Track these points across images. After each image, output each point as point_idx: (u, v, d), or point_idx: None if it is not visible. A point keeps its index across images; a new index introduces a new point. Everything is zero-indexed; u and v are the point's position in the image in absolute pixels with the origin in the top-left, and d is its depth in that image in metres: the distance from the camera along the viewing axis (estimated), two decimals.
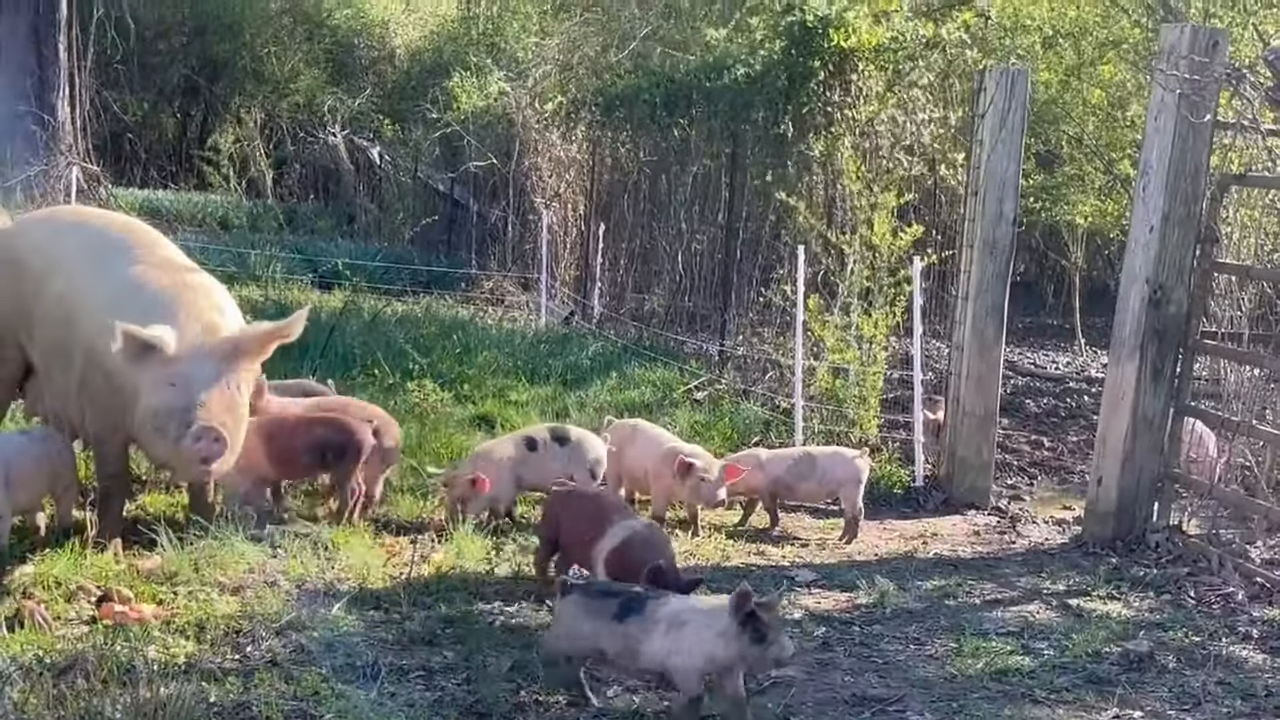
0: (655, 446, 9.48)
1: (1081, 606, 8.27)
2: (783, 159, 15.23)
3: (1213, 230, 9.55)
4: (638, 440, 9.63)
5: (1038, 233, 23.50)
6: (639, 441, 9.61)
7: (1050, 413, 15.39)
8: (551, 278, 19.48)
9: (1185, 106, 9.14)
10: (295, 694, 6.02)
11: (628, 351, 15.39)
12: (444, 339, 14.99)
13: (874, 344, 12.10)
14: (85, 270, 8.04)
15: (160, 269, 8.04)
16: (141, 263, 8.04)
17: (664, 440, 9.59)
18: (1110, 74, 17.91)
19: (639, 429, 9.84)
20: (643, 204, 18.69)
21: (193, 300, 7.80)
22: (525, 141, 21.35)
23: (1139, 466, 9.59)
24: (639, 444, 9.59)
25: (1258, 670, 7.26)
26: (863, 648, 7.33)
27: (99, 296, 7.81)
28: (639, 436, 9.68)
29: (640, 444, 9.59)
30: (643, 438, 9.66)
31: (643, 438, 9.66)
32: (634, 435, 9.70)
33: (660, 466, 9.28)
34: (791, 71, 14.86)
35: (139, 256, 8.11)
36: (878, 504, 10.62)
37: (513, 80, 23.58)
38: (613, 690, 6.41)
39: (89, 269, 8.05)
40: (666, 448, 9.38)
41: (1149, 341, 9.48)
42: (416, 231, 24.45)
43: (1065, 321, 22.12)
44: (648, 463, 9.44)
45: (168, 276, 7.97)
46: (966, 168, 11.46)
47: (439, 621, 7.16)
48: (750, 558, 8.98)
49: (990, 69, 11.16)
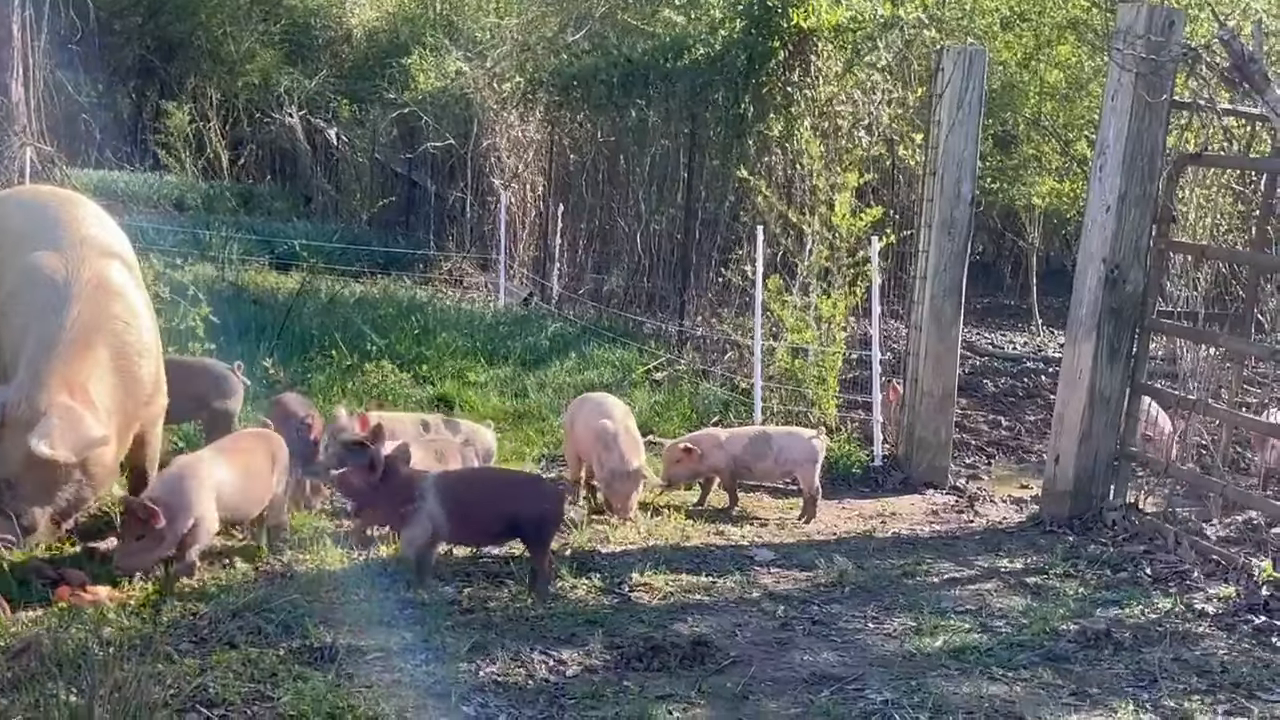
0: (595, 420, 9.43)
1: (1039, 585, 8.30)
2: (742, 139, 15.22)
3: (1169, 210, 9.59)
4: (583, 412, 9.57)
5: (995, 213, 23.60)
6: (584, 414, 9.55)
7: (1008, 392, 15.45)
8: (510, 259, 19.43)
9: (1142, 86, 9.17)
10: (252, 675, 5.99)
11: (587, 332, 15.36)
12: (402, 320, 14.93)
13: (833, 324, 12.12)
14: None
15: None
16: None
17: (601, 414, 9.51)
18: (1067, 55, 17.98)
19: (585, 401, 9.78)
20: (601, 185, 18.65)
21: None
22: (483, 122, 21.28)
23: (1096, 445, 9.64)
24: (583, 417, 9.53)
25: (1214, 647, 7.30)
26: (821, 626, 7.34)
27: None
28: (584, 409, 9.63)
29: (584, 417, 9.53)
30: (586, 410, 9.60)
31: (586, 410, 9.60)
32: (581, 408, 9.65)
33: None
34: (751, 51, 14.84)
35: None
36: (837, 484, 10.65)
37: (471, 60, 23.48)
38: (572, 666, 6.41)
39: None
40: (597, 424, 9.32)
41: (1106, 321, 9.51)
42: (374, 212, 24.36)
43: (1022, 302, 22.22)
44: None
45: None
46: (924, 148, 11.48)
47: (397, 603, 7.14)
48: (709, 538, 8.98)
49: (948, 49, 11.17)
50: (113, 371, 7.29)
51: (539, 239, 19.52)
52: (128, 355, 7.40)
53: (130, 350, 7.42)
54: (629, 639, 6.79)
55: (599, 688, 6.20)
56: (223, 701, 5.69)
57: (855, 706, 6.20)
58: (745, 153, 15.10)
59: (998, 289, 24.47)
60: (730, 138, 15.48)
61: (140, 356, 7.49)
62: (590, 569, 7.91)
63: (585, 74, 18.23)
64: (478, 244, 21.51)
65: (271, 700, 5.75)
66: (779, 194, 13.67)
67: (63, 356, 7.06)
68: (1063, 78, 18.74)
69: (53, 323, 7.15)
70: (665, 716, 5.92)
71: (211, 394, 9.02)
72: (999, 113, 19.35)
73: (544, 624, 6.98)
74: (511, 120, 20.52)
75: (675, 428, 11.18)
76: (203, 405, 8.97)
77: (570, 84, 18.57)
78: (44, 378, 6.95)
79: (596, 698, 6.09)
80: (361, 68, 30.03)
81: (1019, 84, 18.95)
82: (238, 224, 21.89)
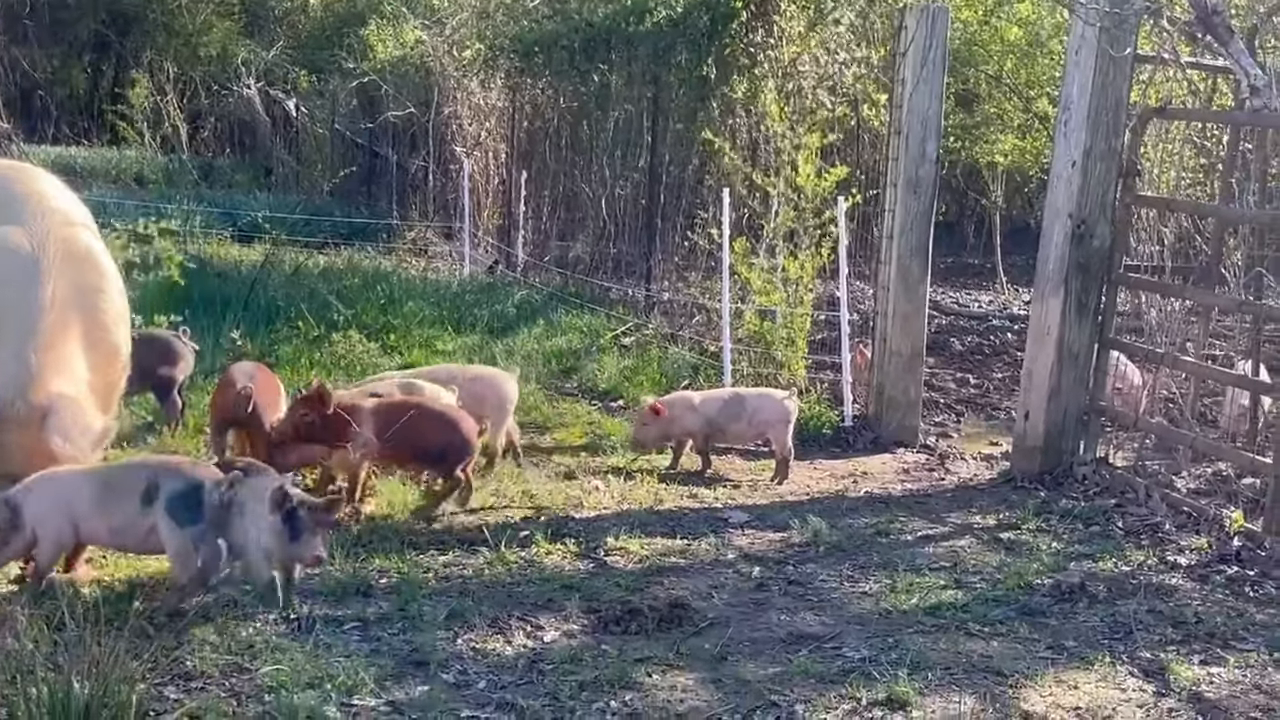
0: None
1: (1012, 540, 8.34)
2: (706, 102, 15.17)
3: (1134, 164, 9.60)
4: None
5: (958, 172, 23.62)
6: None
7: (975, 350, 15.49)
8: (474, 227, 19.37)
9: (1105, 40, 9.16)
10: (230, 647, 5.97)
11: (553, 299, 15.34)
12: (368, 290, 14.88)
13: (800, 286, 12.12)
14: None
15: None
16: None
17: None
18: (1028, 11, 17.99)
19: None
20: (565, 150, 18.58)
21: None
22: (444, 90, 21.19)
23: (1065, 401, 9.67)
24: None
25: (1187, 598, 7.35)
26: (797, 586, 7.35)
27: None
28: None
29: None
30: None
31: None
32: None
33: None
34: (714, 13, 14.80)
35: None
36: (808, 444, 10.66)
37: (429, 28, 23.36)
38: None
39: None
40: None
41: (1073, 276, 9.54)
42: (336, 183, 24.23)
43: (987, 260, 22.26)
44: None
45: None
46: (889, 107, 11.46)
47: (373, 572, 7.12)
48: (683, 501, 8.98)
49: (911, 7, 11.14)
50: (94, 346, 7.23)
51: (503, 206, 19.46)
52: (105, 325, 7.34)
53: (106, 320, 7.36)
54: (606, 603, 6.80)
55: (577, 652, 6.20)
56: (201, 674, 5.68)
57: (833, 665, 6.21)
58: (709, 115, 15.07)
59: (961, 248, 24.50)
60: (694, 100, 15.44)
61: (116, 325, 7.44)
62: (565, 534, 7.91)
63: (546, 40, 18.15)
64: (441, 213, 21.43)
65: (250, 672, 5.73)
66: (743, 156, 13.65)
67: (46, 339, 6.94)
68: (1023, 35, 18.75)
69: (29, 301, 7.03)
70: (644, 679, 5.92)
71: (158, 362, 8.95)
72: (961, 71, 19.36)
73: (520, 590, 6.98)
74: (472, 88, 20.43)
75: (645, 392, 11.17)
76: (149, 375, 8.89)
77: (531, 50, 18.49)
78: (33, 367, 6.84)
79: (575, 661, 6.08)
80: (319, 38, 29.88)
81: (980, 42, 18.96)
82: (199, 197, 21.73)
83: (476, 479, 8.89)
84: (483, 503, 8.45)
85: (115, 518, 6.49)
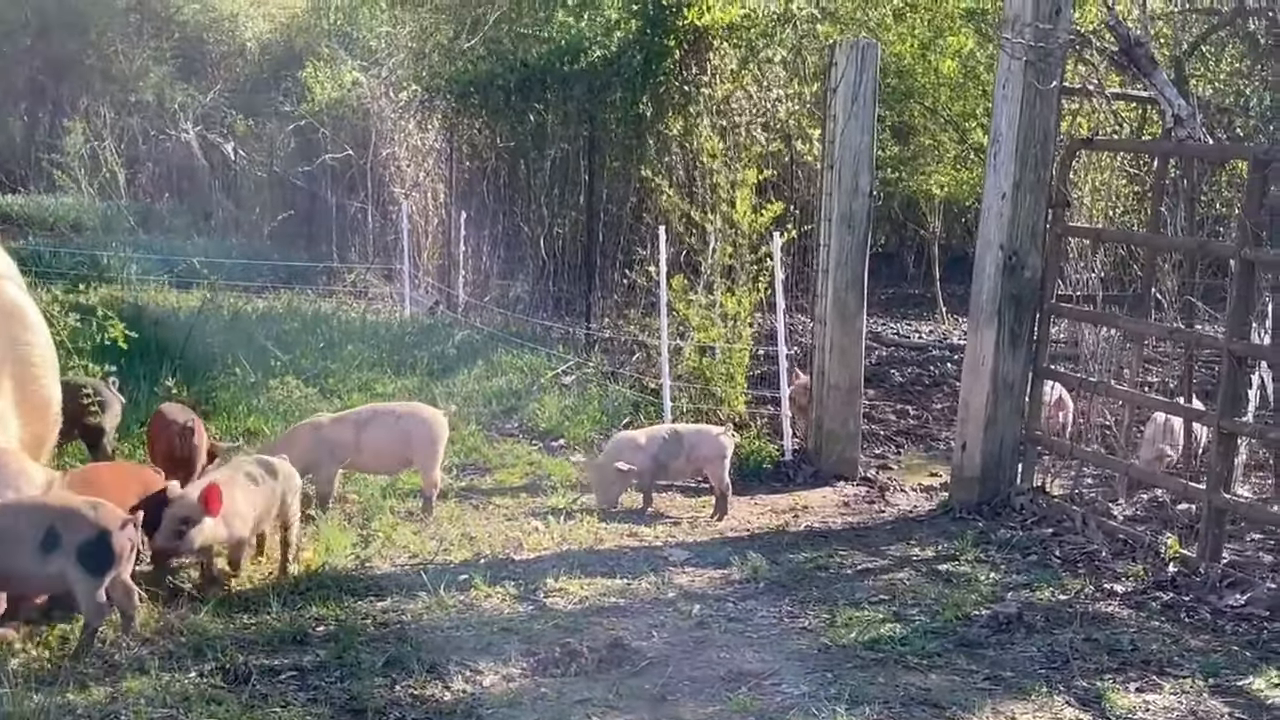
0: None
1: (950, 571, 8.38)
2: (642, 139, 15.22)
3: (1063, 194, 9.70)
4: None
5: (896, 204, 23.77)
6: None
7: (915, 381, 15.57)
8: (414, 268, 19.33)
9: (1032, 73, 9.27)
10: (165, 700, 5.93)
11: (494, 339, 15.30)
12: (307, 334, 14.81)
13: (739, 321, 12.15)
14: None
15: None
16: None
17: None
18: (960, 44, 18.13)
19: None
20: (503, 190, 18.59)
21: None
22: (381, 131, 21.16)
23: (1001, 431, 9.73)
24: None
25: (1123, 625, 7.41)
26: (737, 623, 7.35)
27: None
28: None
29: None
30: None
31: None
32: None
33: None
34: (647, 51, 14.85)
35: None
36: (748, 479, 10.68)
37: (367, 70, 23.33)
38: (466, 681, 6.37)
39: None
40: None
41: (1006, 307, 9.61)
42: (275, 226, 24.13)
43: (926, 291, 22.39)
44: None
45: None
46: (822, 142, 11.53)
47: (310, 620, 7.08)
48: (623, 540, 8.97)
49: (840, 43, 11.22)
50: (25, 399, 7.19)
51: (443, 247, 19.43)
52: (35, 378, 7.31)
53: (36, 372, 7.33)
54: (545, 645, 6.79)
55: (516, 696, 6.19)
56: None
57: (773, 701, 6.22)
58: (645, 153, 15.11)
59: (901, 279, 24.66)
60: (630, 138, 15.49)
61: (45, 375, 7.41)
62: (504, 577, 7.89)
63: (482, 80, 18.18)
64: (381, 254, 21.37)
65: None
66: (680, 193, 13.70)
67: None
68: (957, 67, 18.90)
69: None
70: None
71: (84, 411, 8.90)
72: (897, 104, 19.50)
73: (459, 634, 6.96)
74: (410, 128, 20.42)
75: (585, 431, 11.17)
76: (75, 423, 8.84)
77: (467, 90, 18.51)
78: None
79: (513, 705, 6.08)
80: (257, 81, 29.79)
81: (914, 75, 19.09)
82: (136, 243, 21.58)
83: (413, 522, 8.90)
84: (422, 546, 8.42)
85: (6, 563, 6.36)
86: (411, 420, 9.34)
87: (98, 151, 26.05)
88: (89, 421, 8.92)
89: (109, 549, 6.32)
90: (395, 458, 9.35)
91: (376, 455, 9.28)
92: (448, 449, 10.53)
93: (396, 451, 9.27)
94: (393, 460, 9.39)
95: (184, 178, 28.16)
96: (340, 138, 22.78)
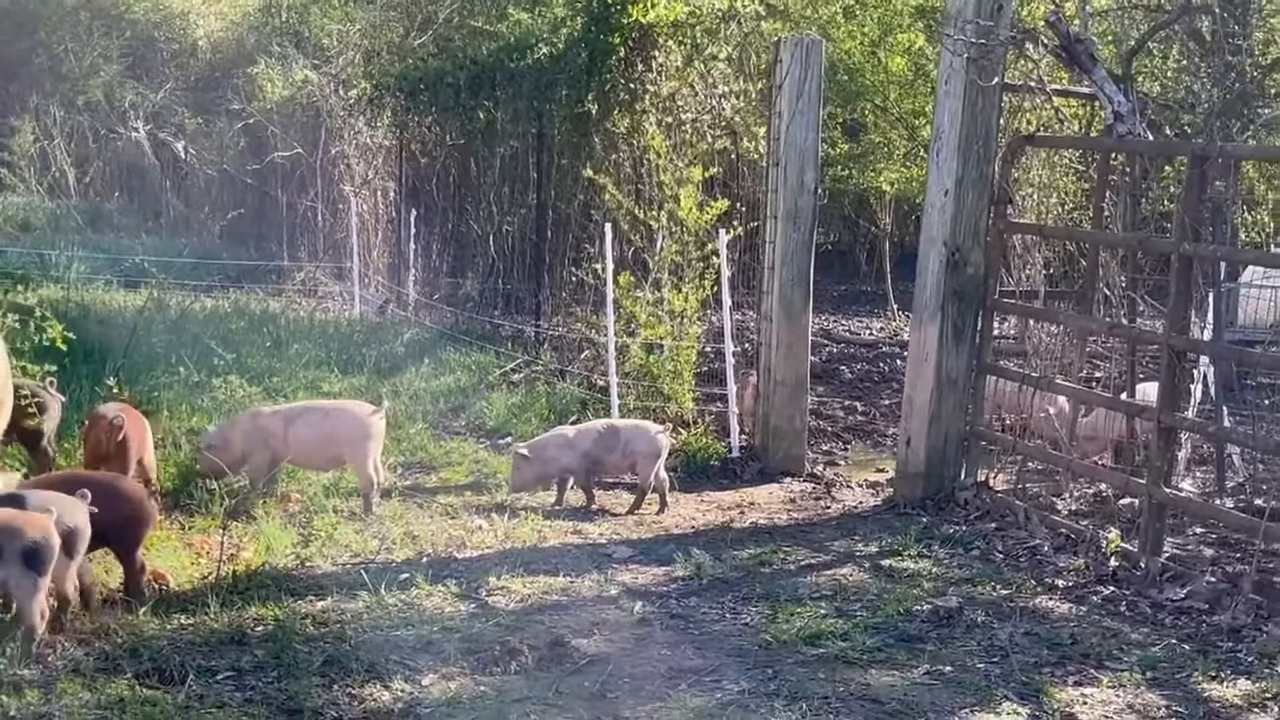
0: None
1: (893, 567, 8.39)
2: (589, 137, 15.20)
3: (1005, 191, 9.73)
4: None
5: (848, 201, 23.83)
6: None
7: (864, 378, 15.62)
8: (364, 266, 19.26)
9: (973, 70, 9.30)
10: (99, 702, 5.88)
11: (443, 337, 15.26)
12: (254, 333, 14.73)
13: (685, 319, 12.15)
14: None
15: None
16: None
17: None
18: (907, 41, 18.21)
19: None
20: (453, 188, 18.55)
21: None
22: (331, 129, 21.08)
23: (945, 426, 9.77)
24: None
25: (1064, 619, 7.44)
26: (679, 620, 7.35)
27: None
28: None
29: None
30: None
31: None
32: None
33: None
34: (593, 49, 14.80)
35: None
36: (695, 476, 10.69)
37: (317, 68, 23.23)
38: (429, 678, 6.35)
39: None
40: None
41: (949, 303, 9.65)
42: (224, 225, 24.01)
43: (878, 287, 22.44)
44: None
45: None
46: (767, 139, 11.54)
47: (249, 620, 7.03)
48: (567, 537, 8.96)
49: (785, 40, 11.22)
50: None
51: (393, 245, 19.37)
52: None
53: None
54: (485, 644, 6.78)
55: (455, 695, 6.17)
56: None
57: (713, 698, 6.22)
58: (592, 150, 15.08)
59: (853, 276, 24.71)
60: (577, 136, 15.45)
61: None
62: (446, 575, 7.86)
63: (432, 77, 18.11)
64: (331, 252, 21.28)
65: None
66: (627, 191, 13.68)
67: None
68: (907, 64, 18.97)
69: None
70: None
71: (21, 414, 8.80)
72: (848, 101, 19.57)
73: (399, 634, 6.92)
74: (359, 126, 20.34)
75: (533, 429, 11.13)
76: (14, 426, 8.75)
77: (417, 88, 18.43)
78: None
79: (453, 705, 6.06)
80: (207, 79, 29.59)
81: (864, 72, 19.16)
82: (84, 243, 21.43)
83: (356, 521, 8.86)
84: (364, 545, 8.38)
85: None
86: (340, 418, 9.36)
87: (47, 151, 25.91)
88: (27, 424, 8.82)
89: (45, 551, 6.26)
90: (323, 454, 9.39)
91: (304, 451, 9.34)
92: (392, 447, 10.54)
93: (323, 448, 9.32)
94: (321, 457, 9.43)
95: (134, 176, 28.00)
96: (290, 136, 22.68)
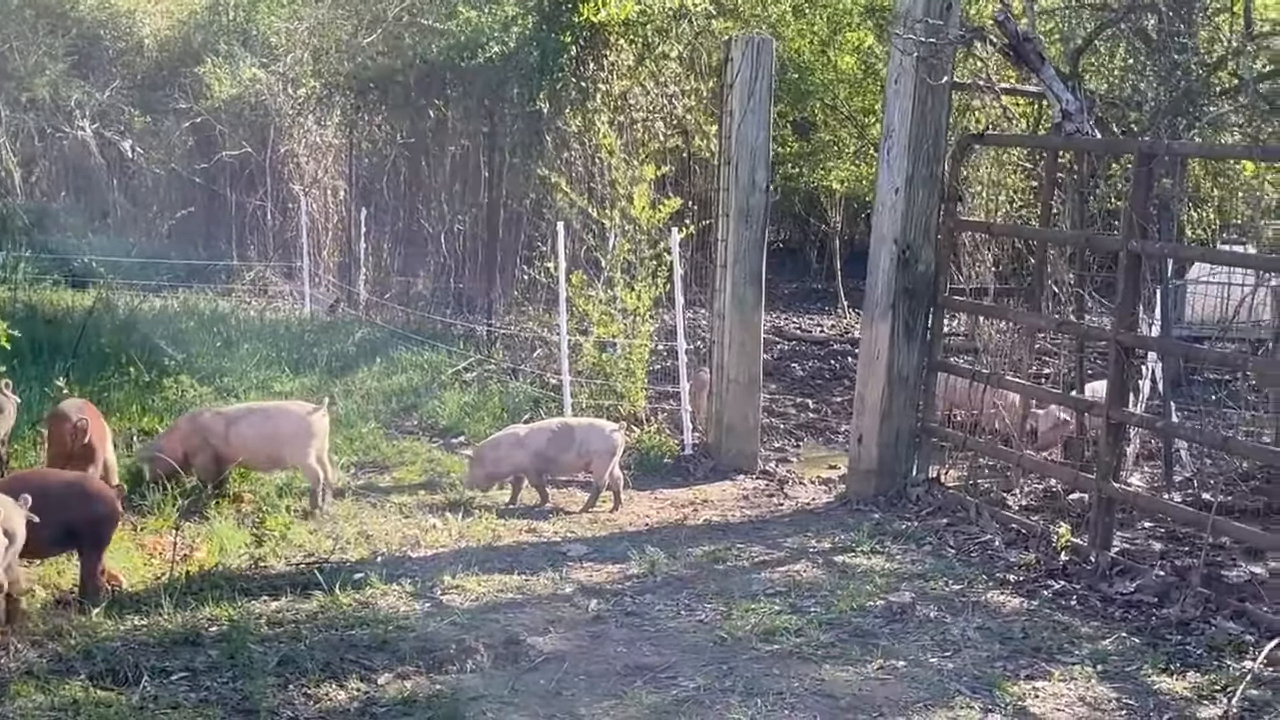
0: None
1: (846, 563, 8.44)
2: (540, 136, 15.19)
3: (955, 189, 9.80)
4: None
5: (799, 199, 23.90)
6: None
7: (816, 375, 15.68)
8: (315, 265, 19.19)
9: (923, 69, 9.35)
10: (53, 704, 5.87)
11: (395, 336, 15.23)
12: (204, 333, 14.67)
13: (638, 317, 12.17)
14: None
15: None
16: None
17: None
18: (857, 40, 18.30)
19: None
20: (404, 187, 18.51)
21: None
22: (280, 128, 20.98)
23: (896, 423, 9.83)
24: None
25: (1015, 614, 7.50)
26: (634, 617, 7.37)
27: None
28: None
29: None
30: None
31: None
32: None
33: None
34: (544, 47, 14.78)
35: None
36: (649, 474, 10.71)
37: (266, 66, 23.11)
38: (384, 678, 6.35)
39: None
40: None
41: (900, 300, 9.71)
42: (173, 224, 23.86)
43: (829, 285, 22.50)
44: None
45: None
46: (719, 138, 11.57)
47: (203, 620, 7.01)
48: (522, 535, 8.96)
49: (736, 39, 11.25)
50: None
51: (343, 244, 19.31)
52: None
53: None
54: (440, 643, 6.77)
55: (411, 694, 6.17)
56: None
57: (668, 695, 6.25)
58: (544, 149, 15.07)
59: (804, 274, 24.78)
60: (529, 134, 15.44)
61: None
62: (401, 575, 7.85)
63: (382, 76, 18.06)
64: (281, 252, 21.19)
65: None
66: (579, 189, 13.69)
67: None
68: (856, 63, 19.06)
69: None
70: (478, 718, 5.91)
71: None
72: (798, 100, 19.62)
73: (354, 633, 6.91)
74: (309, 125, 20.25)
75: (486, 428, 11.13)
76: None
77: (367, 86, 18.39)
78: None
79: (409, 704, 6.06)
80: (154, 78, 29.36)
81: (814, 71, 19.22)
82: (31, 243, 21.27)
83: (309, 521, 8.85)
84: (318, 545, 8.37)
85: None
86: (281, 418, 9.39)
87: None
88: None
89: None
90: (265, 454, 9.39)
91: (246, 450, 9.33)
92: (344, 446, 10.53)
93: (264, 448, 9.33)
94: (263, 457, 9.42)
95: (80, 176, 27.74)
96: (239, 134, 22.56)
